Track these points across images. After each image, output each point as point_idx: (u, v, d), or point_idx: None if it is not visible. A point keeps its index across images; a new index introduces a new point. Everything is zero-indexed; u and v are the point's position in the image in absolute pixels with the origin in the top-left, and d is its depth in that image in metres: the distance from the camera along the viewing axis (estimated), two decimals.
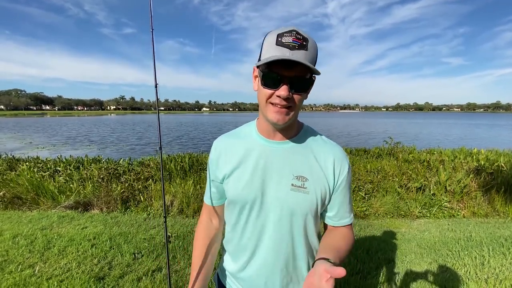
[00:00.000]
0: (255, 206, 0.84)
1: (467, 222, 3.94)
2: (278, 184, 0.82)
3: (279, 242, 0.85)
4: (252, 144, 0.86)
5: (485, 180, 4.79)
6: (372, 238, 3.31)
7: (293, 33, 0.69)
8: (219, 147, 0.92)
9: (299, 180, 0.81)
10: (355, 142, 17.61)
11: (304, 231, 0.85)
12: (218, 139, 0.94)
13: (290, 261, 0.87)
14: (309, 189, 0.81)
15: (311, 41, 0.71)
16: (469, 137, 22.49)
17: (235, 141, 0.90)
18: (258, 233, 0.86)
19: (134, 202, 4.43)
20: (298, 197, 0.81)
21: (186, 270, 2.50)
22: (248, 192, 0.84)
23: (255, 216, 0.85)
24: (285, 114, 0.75)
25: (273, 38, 0.70)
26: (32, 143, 17.14)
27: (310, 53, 0.70)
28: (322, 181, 0.82)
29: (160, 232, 3.30)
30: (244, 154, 0.86)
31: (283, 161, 0.83)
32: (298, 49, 0.68)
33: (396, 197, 4.57)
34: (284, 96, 0.71)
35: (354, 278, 2.42)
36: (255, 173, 0.83)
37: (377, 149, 7.66)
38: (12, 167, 5.32)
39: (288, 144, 0.84)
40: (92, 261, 2.62)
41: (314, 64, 0.73)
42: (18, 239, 3.02)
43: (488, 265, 2.66)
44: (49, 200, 4.30)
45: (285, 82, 0.71)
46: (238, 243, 0.91)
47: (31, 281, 2.28)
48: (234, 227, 0.92)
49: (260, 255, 0.87)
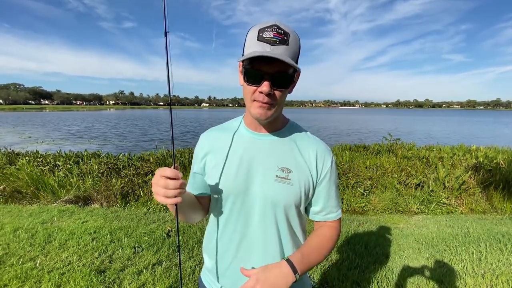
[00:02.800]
0: (239, 197, 0.84)
1: (465, 218, 3.97)
2: (263, 175, 0.83)
3: (264, 234, 0.84)
4: (239, 137, 0.88)
5: (483, 177, 4.81)
6: (371, 234, 3.33)
7: (274, 28, 0.69)
8: (206, 140, 0.92)
9: (283, 172, 0.82)
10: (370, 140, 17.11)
11: (288, 224, 0.85)
12: (205, 132, 0.95)
13: (277, 254, 0.85)
14: (293, 180, 0.82)
15: (292, 36, 0.71)
16: (468, 134, 22.49)
17: (222, 134, 0.91)
18: (242, 226, 0.86)
19: (134, 196, 4.45)
20: (282, 188, 0.82)
21: (187, 264, 2.53)
22: (232, 183, 0.84)
23: (238, 208, 0.85)
24: (267, 109, 0.76)
25: (254, 33, 0.71)
26: (32, 137, 17.12)
27: (291, 48, 0.71)
28: (305, 174, 0.84)
29: (160, 226, 3.32)
30: (230, 146, 0.87)
31: (268, 152, 0.84)
32: (279, 44, 0.68)
33: (395, 193, 4.59)
34: (266, 92, 0.72)
35: (352, 273, 2.45)
36: (241, 164, 0.84)
37: (377, 146, 7.69)
38: (11, 161, 5.33)
39: (273, 136, 0.86)
40: (92, 255, 2.64)
41: (296, 58, 0.74)
42: (19, 233, 3.04)
43: (485, 261, 2.69)
44: (49, 194, 4.32)
45: (266, 78, 0.71)
46: (221, 238, 0.90)
47: (33, 274, 2.30)
48: (217, 221, 0.91)
49: (246, 249, 0.86)
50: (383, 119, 54.71)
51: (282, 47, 0.68)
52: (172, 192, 0.68)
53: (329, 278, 2.39)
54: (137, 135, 19.03)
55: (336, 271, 2.47)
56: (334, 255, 2.79)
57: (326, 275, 2.45)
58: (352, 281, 2.34)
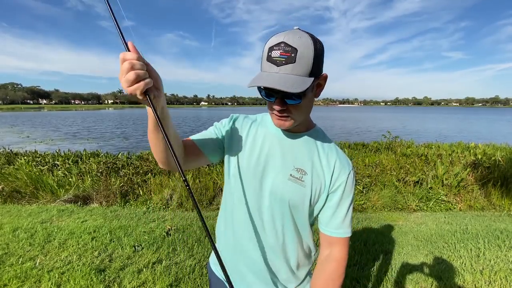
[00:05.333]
0: (251, 185, 0.87)
1: (464, 215, 3.99)
2: (277, 172, 0.85)
3: (270, 227, 0.86)
4: (266, 130, 0.90)
5: (482, 174, 4.83)
6: (370, 231, 3.35)
7: (281, 46, 0.67)
8: (241, 122, 0.95)
9: (298, 172, 0.83)
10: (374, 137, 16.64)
11: (293, 222, 0.86)
12: (241, 115, 0.98)
13: (279, 247, 0.88)
14: (306, 183, 0.83)
15: (302, 49, 0.67)
16: (467, 131, 22.37)
17: (253, 124, 0.94)
18: (249, 218, 0.88)
19: (134, 196, 4.45)
20: (293, 187, 0.83)
21: (186, 262, 2.53)
22: (247, 172, 0.87)
23: (249, 198, 0.87)
24: (285, 121, 0.78)
25: (266, 51, 0.71)
26: (30, 137, 17.07)
27: (299, 64, 0.68)
28: (320, 179, 0.84)
29: (160, 225, 3.32)
30: (257, 137, 0.90)
31: (288, 151, 0.86)
32: (285, 63, 0.67)
33: (394, 190, 4.61)
34: (278, 109, 0.75)
35: (351, 270, 2.46)
36: (260, 155, 0.87)
37: (376, 143, 7.69)
38: (10, 161, 5.31)
39: (297, 137, 0.87)
40: (92, 254, 2.64)
41: (308, 71, 0.69)
42: (18, 232, 3.04)
43: (483, 257, 2.70)
44: (48, 194, 4.31)
45: (277, 97, 0.74)
46: (232, 224, 0.93)
47: (32, 273, 2.30)
48: (229, 208, 0.94)
49: (250, 244, 0.89)
50: (390, 117, 53.73)
51: (288, 67, 0.68)
52: (142, 73, 0.58)
53: None
54: (137, 136, 18.84)
55: None
56: None
57: None
58: (351, 278, 2.35)
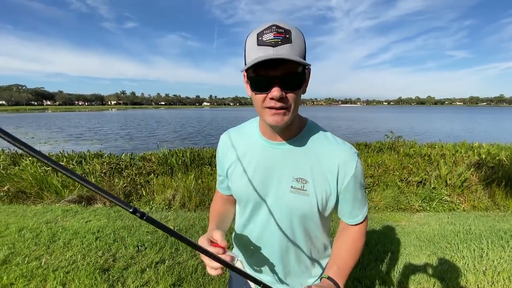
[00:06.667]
0: (256, 205, 0.86)
1: (467, 215, 3.96)
2: (278, 187, 0.82)
3: (279, 242, 0.87)
4: (254, 144, 0.86)
5: (486, 174, 4.80)
6: (372, 231, 3.34)
7: (273, 28, 0.63)
8: (225, 143, 0.93)
9: (298, 182, 0.79)
10: None
11: (305, 232, 0.86)
12: (225, 134, 0.95)
13: (292, 257, 0.89)
14: (309, 191, 0.79)
15: (294, 32, 0.65)
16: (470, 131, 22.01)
17: (240, 139, 0.91)
18: (259, 232, 0.90)
19: (137, 196, 4.48)
20: (297, 199, 0.80)
21: (189, 262, 2.55)
22: (249, 191, 0.85)
23: (257, 214, 0.88)
24: (283, 115, 0.70)
25: (253, 39, 0.65)
26: (35, 138, 17.23)
27: (296, 45, 0.64)
28: (323, 184, 0.79)
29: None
30: (246, 152, 0.87)
31: (283, 163, 0.81)
32: (282, 44, 0.62)
33: (397, 191, 4.59)
34: (277, 97, 0.66)
35: (353, 270, 2.46)
36: (255, 173, 0.84)
37: (378, 143, 7.68)
38: (15, 162, 5.38)
39: (289, 145, 0.81)
40: (96, 254, 2.67)
41: (303, 55, 0.67)
42: (24, 232, 3.08)
43: (486, 258, 2.69)
44: (53, 195, 4.36)
45: (275, 83, 0.66)
46: (242, 237, 0.96)
47: (38, 273, 2.33)
48: (241, 221, 0.96)
49: (262, 251, 0.92)
50: (395, 117, 52.55)
51: (286, 46, 0.62)
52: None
53: None
54: (142, 137, 18.75)
55: None
56: None
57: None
58: (353, 278, 2.36)
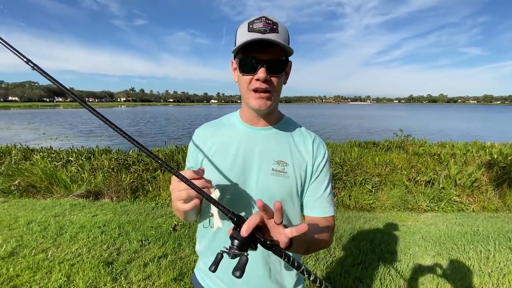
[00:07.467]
0: (236, 191, 0.83)
1: (476, 216, 3.88)
2: (259, 169, 0.83)
3: None
4: (235, 131, 0.89)
5: (497, 174, 4.68)
6: (377, 231, 3.30)
7: (263, 19, 0.73)
8: (202, 133, 0.92)
9: (279, 165, 0.83)
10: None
11: (285, 217, 0.84)
12: (201, 127, 0.95)
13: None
14: (289, 173, 0.83)
15: (281, 25, 0.75)
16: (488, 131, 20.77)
17: (218, 129, 0.91)
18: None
19: (143, 191, 4.54)
20: (278, 182, 0.82)
21: (191, 257, 2.58)
22: (228, 176, 0.83)
23: (235, 202, 0.83)
24: (266, 99, 0.78)
25: (245, 27, 0.74)
26: (46, 133, 17.62)
27: (282, 35, 0.74)
28: (301, 166, 0.85)
29: (167, 221, 3.39)
30: (227, 140, 0.87)
31: (265, 146, 0.85)
32: (269, 32, 0.72)
33: (404, 190, 4.52)
34: (263, 78, 0.73)
35: (355, 269, 2.44)
36: (236, 158, 0.84)
37: (387, 142, 7.56)
38: (26, 157, 5.52)
39: (270, 130, 0.88)
40: (101, 247, 2.72)
41: (287, 44, 0.76)
42: (32, 225, 3.16)
43: (493, 259, 2.63)
44: (61, 189, 4.46)
45: (262, 65, 0.74)
46: (217, 233, 0.87)
47: (44, 265, 2.39)
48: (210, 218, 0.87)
49: None
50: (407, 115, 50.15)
51: (273, 35, 0.72)
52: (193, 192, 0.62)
53: (332, 274, 2.40)
54: (152, 134, 18.72)
55: (339, 267, 2.47)
56: (338, 251, 2.78)
57: (329, 271, 2.45)
58: (354, 277, 2.34)
